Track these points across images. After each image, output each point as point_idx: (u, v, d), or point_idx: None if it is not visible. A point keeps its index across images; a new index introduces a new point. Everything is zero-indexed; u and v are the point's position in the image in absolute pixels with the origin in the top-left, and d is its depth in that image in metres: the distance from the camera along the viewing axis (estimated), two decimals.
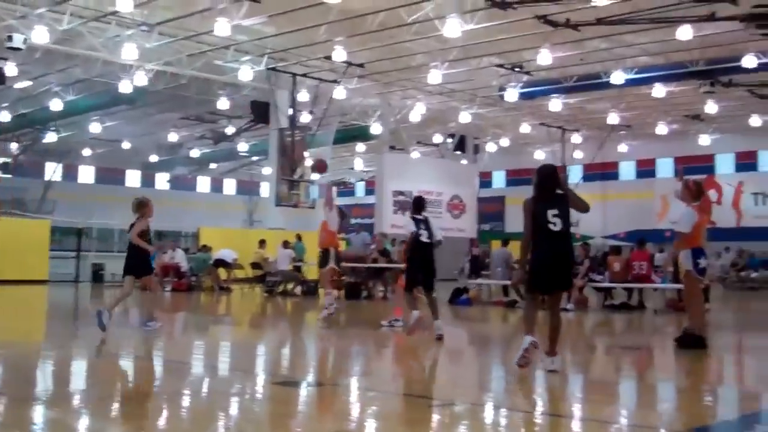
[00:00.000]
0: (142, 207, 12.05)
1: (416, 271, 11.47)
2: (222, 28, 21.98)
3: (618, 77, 26.92)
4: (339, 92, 28.62)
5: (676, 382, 8.46)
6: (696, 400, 7.19)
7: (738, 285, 32.90)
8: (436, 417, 6.15)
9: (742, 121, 35.65)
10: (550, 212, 7.99)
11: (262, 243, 25.16)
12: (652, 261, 18.74)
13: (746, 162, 40.26)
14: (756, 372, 9.25)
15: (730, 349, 9.81)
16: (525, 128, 37.64)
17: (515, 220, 47.47)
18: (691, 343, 9.85)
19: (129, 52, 24.38)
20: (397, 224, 33.15)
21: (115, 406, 6.56)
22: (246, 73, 26.96)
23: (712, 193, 39.65)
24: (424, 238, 11.33)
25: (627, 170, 44.41)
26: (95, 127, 38.31)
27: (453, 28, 21.78)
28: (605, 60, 27.11)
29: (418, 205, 11.76)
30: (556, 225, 7.98)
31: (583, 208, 8.40)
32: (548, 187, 8.18)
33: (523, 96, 30.51)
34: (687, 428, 5.85)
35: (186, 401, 6.84)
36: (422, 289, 11.55)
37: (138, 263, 11.85)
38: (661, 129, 36.78)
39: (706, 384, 8.22)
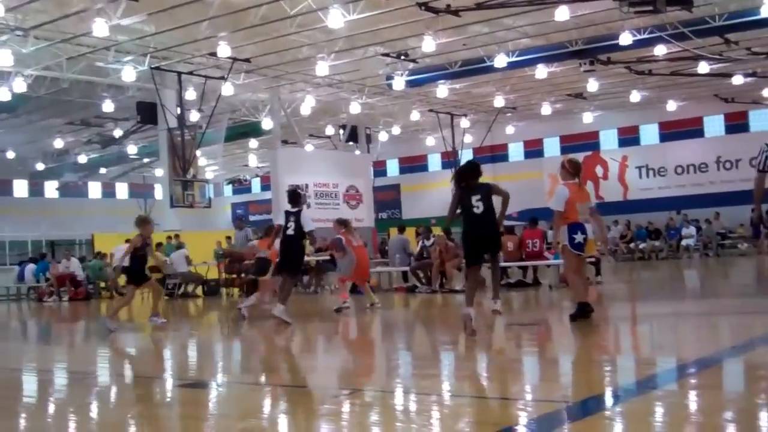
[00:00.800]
0: (143, 224, 13.22)
1: (282, 260, 12.92)
2: (100, 28, 21.52)
3: (501, 60, 27.47)
4: (227, 89, 28.33)
5: (575, 354, 8.77)
6: (593, 370, 7.48)
7: (628, 256, 34.13)
8: (346, 407, 6.24)
9: (622, 97, 36.95)
10: (474, 198, 9.70)
11: (158, 246, 24.74)
12: (544, 238, 19.28)
13: (629, 137, 41.70)
14: (649, 339, 9.66)
15: (624, 319, 10.20)
16: (415, 116, 38.06)
17: (411, 207, 48.09)
18: (579, 312, 10.22)
19: (4, 59, 23.62)
20: None
21: (21, 421, 6.42)
22: (129, 74, 26.45)
23: (598, 169, 41.02)
24: (290, 231, 12.50)
25: (516, 151, 45.40)
26: None
27: (336, 18, 21.88)
28: (487, 44, 27.62)
29: (292, 198, 12.96)
30: (478, 208, 9.68)
31: (504, 195, 10.12)
32: (469, 178, 9.90)
33: (410, 84, 30.85)
34: (584, 397, 6.09)
35: (94, 411, 6.75)
36: (287, 276, 12.89)
37: (137, 274, 13.19)
38: (546, 109, 37.75)
39: (604, 354, 8.55)
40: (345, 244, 14.59)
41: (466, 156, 40.15)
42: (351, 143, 38.92)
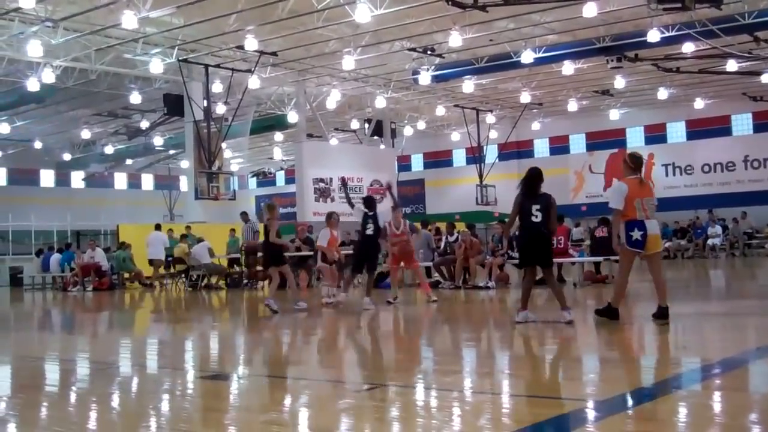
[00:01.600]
0: (271, 210, 13.74)
1: (364, 257, 14.00)
2: (129, 20, 21.66)
3: (527, 56, 27.37)
4: (253, 82, 28.45)
5: (598, 353, 8.74)
6: (616, 369, 7.44)
7: None
8: (367, 401, 6.25)
9: (649, 94, 36.70)
10: (534, 207, 10.27)
11: (183, 237, 24.90)
12: (569, 235, 19.17)
13: (655, 134, 41.42)
14: (673, 339, 9.59)
15: (648, 318, 10.12)
16: (440, 111, 38.03)
17: (435, 202, 48.00)
18: (606, 313, 10.17)
19: (34, 49, 23.83)
20: (318, 212, 33.20)
21: (42, 409, 6.49)
22: (157, 66, 26.60)
23: None
24: (369, 231, 13.62)
25: (541, 147, 45.22)
26: (4, 128, 37.27)
27: (363, 13, 21.87)
28: (514, 40, 27.54)
29: (369, 203, 14.17)
30: (536, 217, 10.22)
31: (554, 210, 10.59)
32: (535, 185, 10.49)
33: (436, 79, 30.82)
34: (611, 396, 6.06)
35: (116, 401, 6.80)
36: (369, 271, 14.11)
37: (276, 257, 13.92)
38: (572, 105, 37.58)
39: (627, 353, 8.51)
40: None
41: (491, 152, 40.08)
42: (376, 137, 38.93)
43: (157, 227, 25.91)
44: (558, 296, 10.48)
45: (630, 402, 5.81)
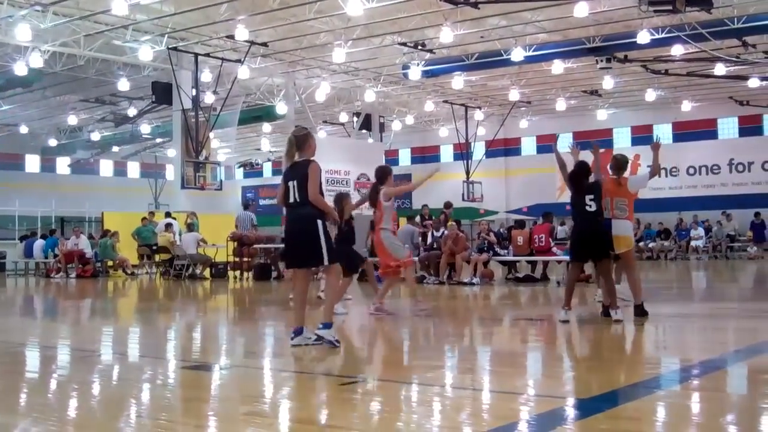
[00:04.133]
0: (342, 200, 11.94)
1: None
2: (119, 6, 21.58)
3: (518, 54, 27.39)
4: (243, 72, 28.35)
5: (579, 351, 8.79)
6: (596, 369, 7.49)
7: (636, 255, 33.91)
8: (349, 395, 6.27)
9: (637, 96, 36.83)
10: (588, 197, 10.07)
11: (168, 226, 24.84)
12: (551, 234, 19.28)
13: (642, 135, 41.51)
14: (654, 340, 9.66)
15: (629, 319, 10.20)
16: (429, 106, 38.00)
17: (422, 197, 47.87)
18: (639, 312, 10.40)
19: (23, 33, 23.64)
20: None
21: (23, 397, 6.48)
22: (146, 54, 26.46)
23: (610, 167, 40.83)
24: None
25: (528, 146, 45.27)
26: None
27: (355, 6, 21.85)
28: (505, 37, 27.56)
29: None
30: (591, 207, 10.07)
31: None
32: (583, 178, 10.30)
33: (426, 74, 30.81)
34: (589, 395, 6.10)
35: (96, 389, 6.80)
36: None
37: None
38: (561, 105, 37.64)
39: (607, 353, 8.56)
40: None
41: (478, 149, 40.14)
42: (364, 131, 38.90)
43: (189, 228, 25.16)
44: (612, 293, 10.19)
45: (609, 402, 5.85)
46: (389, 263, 11.69)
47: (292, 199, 8.30)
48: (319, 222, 8.20)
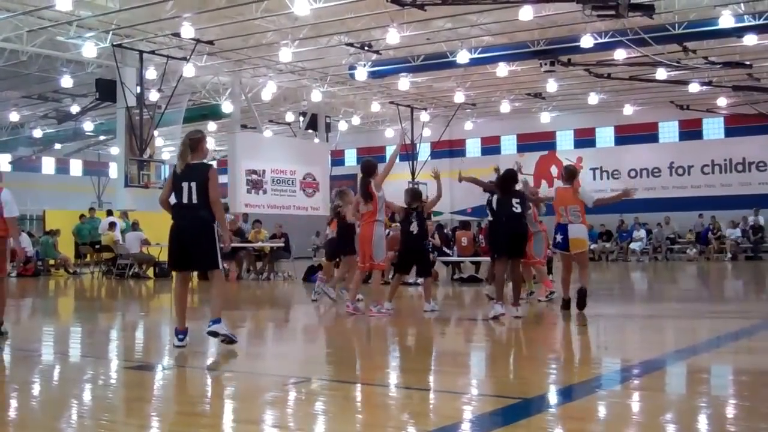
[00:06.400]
0: (344, 196, 13.77)
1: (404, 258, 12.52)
2: (63, 2, 21.29)
3: (463, 56, 27.58)
4: (188, 70, 28.11)
5: (521, 351, 8.90)
6: (538, 369, 7.60)
7: None
8: (293, 395, 6.28)
9: (580, 99, 37.33)
10: (514, 200, 10.99)
11: (112, 225, 24.50)
12: None
13: (585, 138, 42.14)
14: (595, 340, 9.82)
15: (571, 319, 10.41)
16: (375, 107, 38.10)
17: None
18: (565, 306, 11.60)
19: None
20: (250, 203, 33.07)
21: None
22: (90, 50, 26.11)
23: (553, 169, 41.39)
24: (412, 228, 12.12)
25: (473, 147, 45.60)
26: None
27: (302, 6, 21.82)
28: (451, 39, 27.74)
29: (413, 196, 12.85)
30: (517, 208, 10.97)
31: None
32: (511, 184, 11.28)
33: (373, 75, 30.88)
34: (531, 395, 6.19)
35: (36, 390, 6.72)
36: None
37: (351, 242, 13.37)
38: (505, 107, 38.00)
39: (550, 353, 8.69)
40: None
41: (423, 150, 40.32)
42: (310, 131, 38.89)
43: (134, 227, 24.79)
44: (516, 291, 11.00)
45: (550, 401, 5.95)
46: (365, 261, 11.79)
47: (186, 200, 8.35)
48: (215, 225, 8.39)
